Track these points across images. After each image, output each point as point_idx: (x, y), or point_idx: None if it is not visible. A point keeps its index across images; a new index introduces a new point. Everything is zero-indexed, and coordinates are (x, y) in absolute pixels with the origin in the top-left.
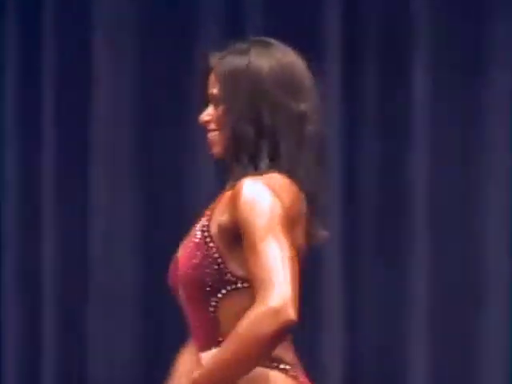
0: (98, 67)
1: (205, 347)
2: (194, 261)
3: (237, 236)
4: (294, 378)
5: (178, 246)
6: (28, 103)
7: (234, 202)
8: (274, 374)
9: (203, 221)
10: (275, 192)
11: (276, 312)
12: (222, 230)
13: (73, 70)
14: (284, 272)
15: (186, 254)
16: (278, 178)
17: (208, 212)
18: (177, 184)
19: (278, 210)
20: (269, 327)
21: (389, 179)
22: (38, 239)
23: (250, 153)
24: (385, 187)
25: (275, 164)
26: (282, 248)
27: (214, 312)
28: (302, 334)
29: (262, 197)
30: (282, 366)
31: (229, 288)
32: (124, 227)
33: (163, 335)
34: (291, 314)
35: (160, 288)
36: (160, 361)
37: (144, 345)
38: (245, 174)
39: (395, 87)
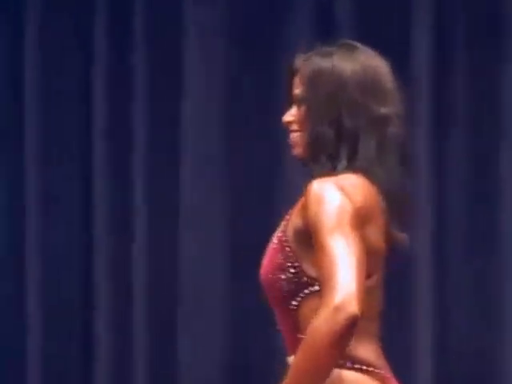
0: (189, 67)
1: (292, 351)
2: (273, 265)
3: (310, 237)
4: (381, 380)
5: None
6: (118, 103)
7: (304, 203)
8: (356, 376)
9: (282, 225)
10: (345, 191)
11: (337, 310)
12: (297, 232)
13: (163, 71)
14: (348, 269)
15: (266, 258)
16: (350, 178)
17: (287, 216)
18: (266, 183)
19: (347, 209)
20: (333, 326)
21: (479, 179)
22: (130, 240)
23: (329, 154)
24: (475, 187)
25: (353, 165)
26: (347, 245)
27: (295, 315)
28: (391, 335)
29: (330, 195)
30: (364, 368)
31: (306, 291)
32: (214, 227)
33: (253, 336)
34: (353, 309)
35: (250, 289)
36: (250, 362)
37: (234, 345)
38: (321, 175)
39: (485, 86)
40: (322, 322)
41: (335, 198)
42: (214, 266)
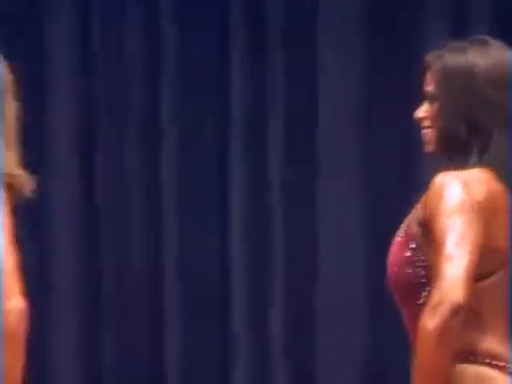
0: (325, 65)
1: None
2: (400, 259)
3: (430, 230)
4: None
5: None
6: (254, 102)
7: (426, 197)
8: (489, 372)
9: (408, 219)
10: (467, 185)
11: (440, 304)
12: (421, 226)
13: (300, 69)
14: (458, 263)
15: (392, 253)
16: (475, 173)
17: (413, 210)
18: (402, 180)
19: (466, 203)
20: (438, 320)
21: None
22: (267, 234)
23: (460, 150)
24: None
25: (483, 161)
26: (462, 239)
27: (423, 311)
28: None
29: (451, 189)
30: (494, 362)
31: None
32: (352, 228)
33: (392, 335)
34: (456, 298)
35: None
36: (390, 358)
37: (372, 344)
38: (448, 169)
39: None
40: (426, 319)
41: (456, 191)
42: (352, 266)
